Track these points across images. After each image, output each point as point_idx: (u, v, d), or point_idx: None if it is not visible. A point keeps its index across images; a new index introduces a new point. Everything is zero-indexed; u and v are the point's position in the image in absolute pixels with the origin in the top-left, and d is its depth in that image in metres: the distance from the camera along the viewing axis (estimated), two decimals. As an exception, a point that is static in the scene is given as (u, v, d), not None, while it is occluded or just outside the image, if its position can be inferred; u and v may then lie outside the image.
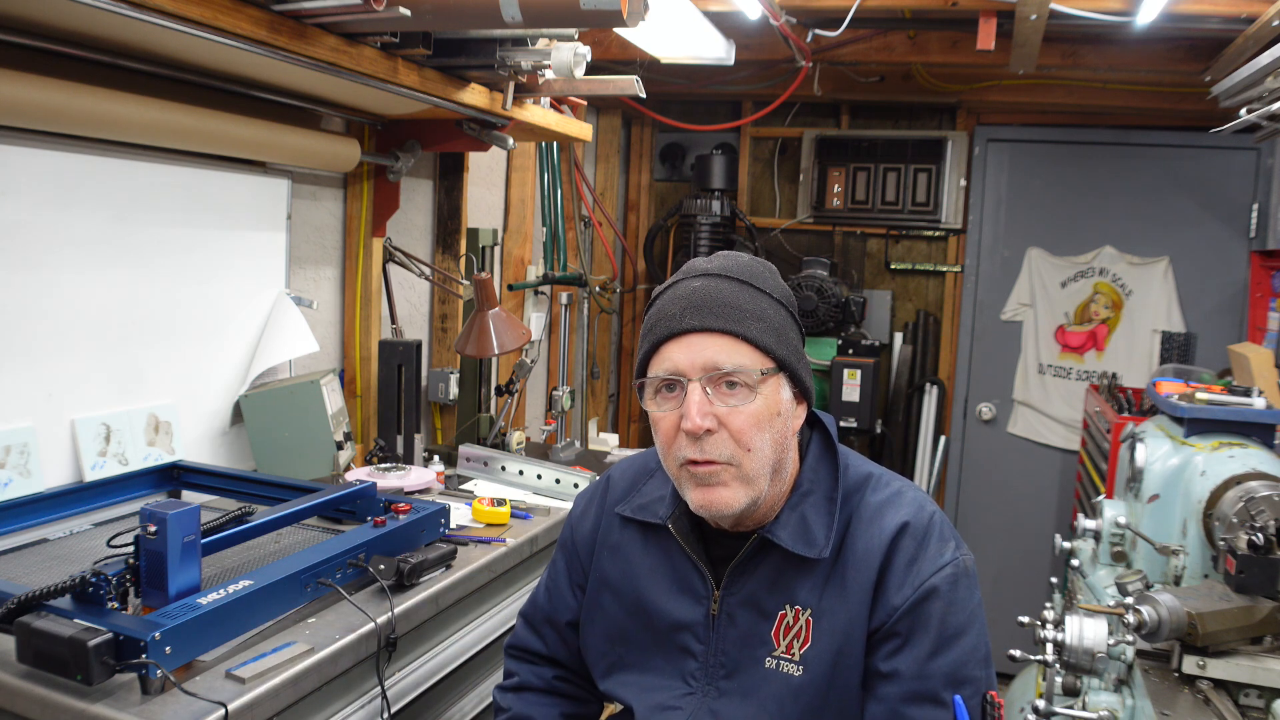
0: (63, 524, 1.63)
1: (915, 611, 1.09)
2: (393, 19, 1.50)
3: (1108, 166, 3.82)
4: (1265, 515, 1.75)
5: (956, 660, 1.08)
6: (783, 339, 1.13)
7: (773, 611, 1.16)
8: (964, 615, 1.10)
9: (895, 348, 4.07)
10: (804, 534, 1.14)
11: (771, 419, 1.11)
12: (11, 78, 1.42)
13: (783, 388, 1.13)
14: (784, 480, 1.17)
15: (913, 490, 1.20)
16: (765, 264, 1.21)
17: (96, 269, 1.75)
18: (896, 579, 1.11)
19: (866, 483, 1.19)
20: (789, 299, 1.18)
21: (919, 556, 1.12)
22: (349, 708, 1.36)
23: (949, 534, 1.15)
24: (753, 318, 1.11)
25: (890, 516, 1.14)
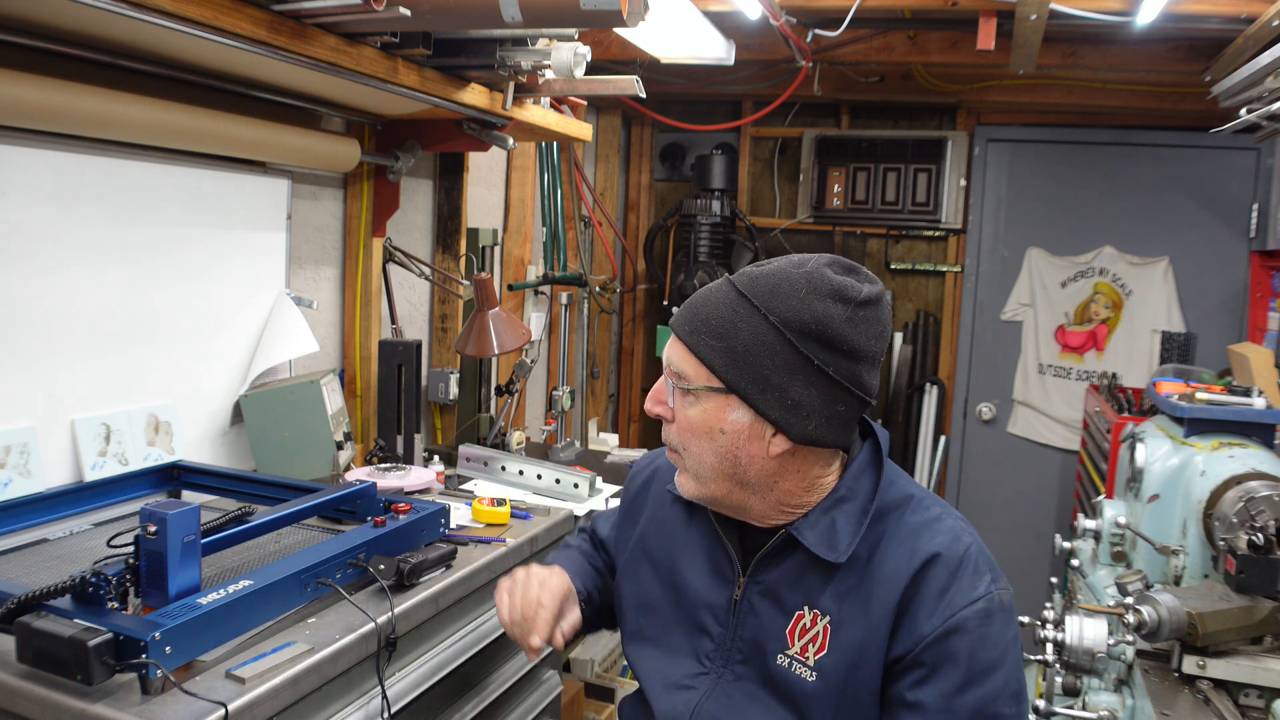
0: (63, 524, 1.63)
1: (943, 643, 1.07)
2: (393, 19, 1.50)
3: (1108, 166, 3.82)
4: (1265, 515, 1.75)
5: (985, 696, 1.06)
6: (744, 364, 1.07)
7: (790, 609, 1.15)
8: (996, 651, 1.07)
9: (895, 348, 4.08)
10: (829, 537, 1.13)
11: (711, 433, 1.11)
12: (11, 78, 1.42)
13: (732, 410, 1.10)
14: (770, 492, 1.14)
15: (953, 519, 1.16)
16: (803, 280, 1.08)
17: (96, 269, 1.75)
18: (926, 607, 1.08)
19: (907, 503, 1.15)
20: (798, 324, 1.06)
21: (951, 587, 1.08)
22: (349, 708, 1.36)
23: (985, 567, 1.12)
24: (711, 335, 1.09)
25: (924, 542, 1.11)
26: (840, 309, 1.06)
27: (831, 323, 1.06)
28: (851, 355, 1.07)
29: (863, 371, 1.09)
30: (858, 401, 1.11)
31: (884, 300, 1.12)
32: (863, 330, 1.07)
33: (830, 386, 1.08)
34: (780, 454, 1.11)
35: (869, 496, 1.14)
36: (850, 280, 1.09)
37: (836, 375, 1.07)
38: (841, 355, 1.07)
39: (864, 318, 1.08)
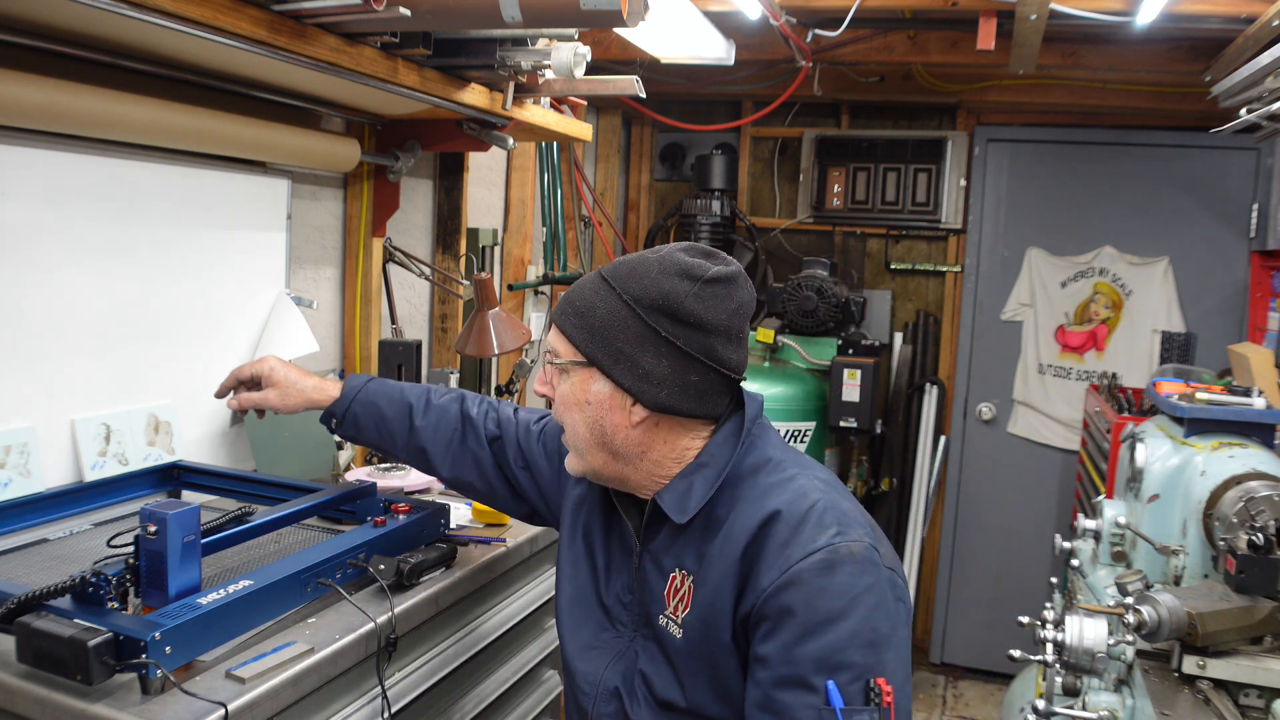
0: (63, 524, 1.63)
1: (780, 595, 1.09)
2: (393, 19, 1.50)
3: (1108, 166, 3.82)
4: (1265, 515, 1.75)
5: (828, 646, 1.07)
6: (600, 338, 1.17)
7: (667, 572, 1.22)
8: (840, 601, 1.08)
9: (895, 348, 4.08)
10: (682, 500, 1.20)
11: (580, 405, 1.20)
12: (11, 78, 1.42)
13: (594, 381, 1.19)
14: (641, 462, 1.21)
15: (807, 478, 1.19)
16: (655, 262, 1.18)
17: (96, 269, 1.75)
18: (766, 562, 1.12)
19: (764, 465, 1.21)
20: (647, 300, 1.15)
21: (791, 541, 1.11)
22: (349, 708, 1.36)
23: (831, 520, 1.13)
24: (575, 314, 1.20)
25: (769, 500, 1.15)
26: (687, 285, 1.15)
27: (678, 298, 1.14)
28: (700, 328, 1.15)
29: (716, 345, 1.16)
30: (714, 374, 1.17)
31: (737, 280, 1.18)
32: (711, 305, 1.15)
33: (681, 358, 1.16)
34: (641, 422, 1.18)
35: (725, 461, 1.20)
36: (700, 261, 1.17)
37: (686, 347, 1.15)
38: (690, 328, 1.15)
39: (712, 294, 1.15)
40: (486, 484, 1.54)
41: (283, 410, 1.60)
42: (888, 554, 1.16)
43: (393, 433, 1.56)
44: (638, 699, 1.22)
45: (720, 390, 1.20)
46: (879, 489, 3.96)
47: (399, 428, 1.56)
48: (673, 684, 1.19)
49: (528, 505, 1.54)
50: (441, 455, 1.55)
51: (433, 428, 1.54)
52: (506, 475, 1.53)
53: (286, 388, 1.60)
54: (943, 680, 4.11)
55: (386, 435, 1.57)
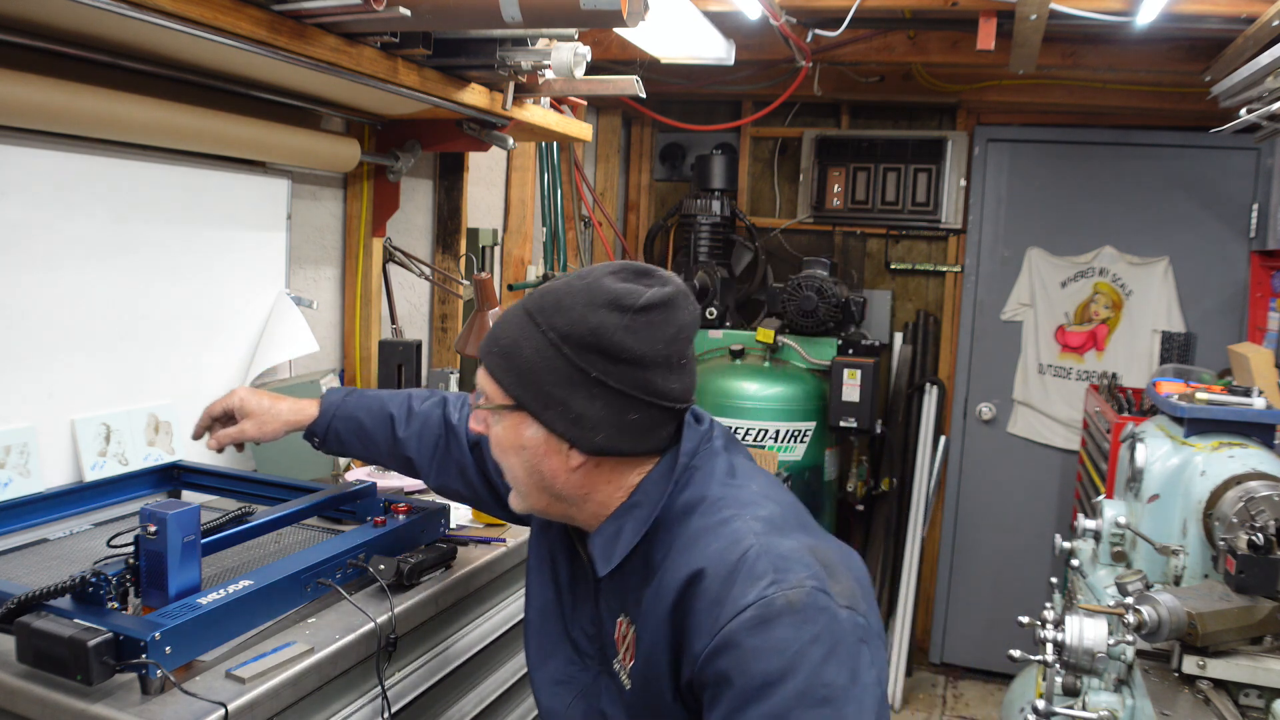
0: (63, 524, 1.63)
1: (714, 662, 0.99)
2: (393, 19, 1.50)
3: (1108, 166, 3.82)
4: (1265, 515, 1.75)
5: (772, 712, 0.95)
6: (527, 381, 1.07)
7: (615, 615, 1.16)
8: (779, 660, 0.96)
9: (895, 348, 4.08)
10: (609, 547, 1.12)
11: (516, 449, 1.12)
12: (11, 78, 1.42)
13: (526, 426, 1.10)
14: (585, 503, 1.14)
15: (743, 520, 1.06)
16: (582, 292, 1.07)
17: (96, 269, 1.75)
18: (697, 626, 1.01)
19: (698, 505, 1.09)
20: (575, 338, 1.05)
21: (721, 599, 1.00)
22: (349, 708, 1.36)
23: (765, 567, 1.00)
24: (501, 354, 1.10)
25: (695, 554, 1.04)
26: (616, 318, 1.05)
27: (608, 333, 1.04)
28: (635, 363, 1.05)
29: (654, 378, 1.06)
30: (655, 409, 1.08)
31: (674, 303, 1.08)
32: (645, 336, 1.05)
33: (616, 397, 1.06)
34: (581, 466, 1.10)
35: (656, 502, 1.11)
36: (630, 287, 1.06)
37: (621, 386, 1.05)
38: (624, 364, 1.05)
39: (646, 323, 1.05)
40: (471, 490, 1.51)
41: (262, 439, 1.56)
42: (844, 591, 1.03)
43: (377, 444, 1.54)
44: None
45: (664, 423, 1.10)
46: (879, 489, 3.96)
47: (382, 439, 1.53)
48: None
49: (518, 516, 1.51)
50: (427, 464, 1.51)
51: (416, 437, 1.51)
52: (490, 480, 1.48)
53: (261, 416, 1.56)
54: (943, 680, 4.11)
55: (371, 447, 1.55)
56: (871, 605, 1.07)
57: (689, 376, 1.11)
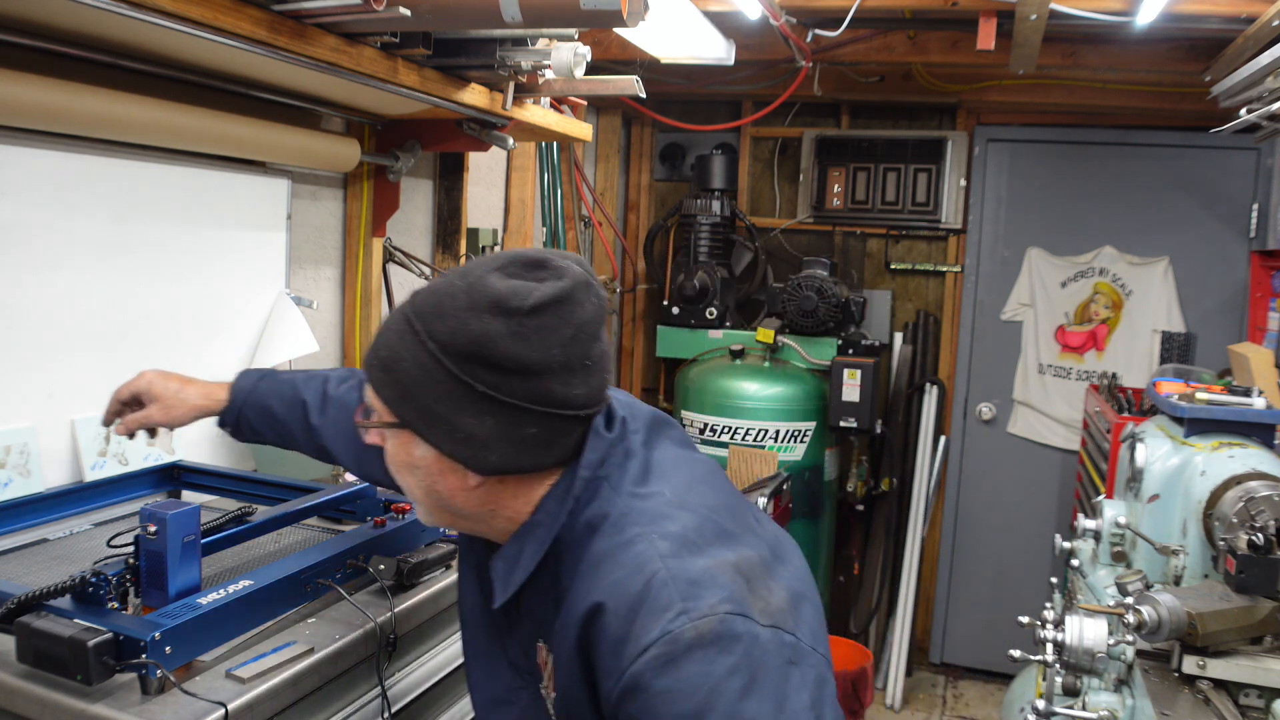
0: (63, 524, 1.63)
1: (624, 706, 0.90)
2: (393, 19, 1.50)
3: (1108, 166, 3.82)
4: (1265, 515, 1.75)
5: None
6: (409, 398, 0.96)
7: (534, 639, 1.07)
8: (690, 701, 0.87)
9: (895, 348, 4.08)
10: (510, 571, 1.02)
11: (409, 468, 1.02)
12: (11, 78, 1.42)
13: (415, 445, 0.99)
14: (493, 520, 1.04)
15: (647, 540, 0.95)
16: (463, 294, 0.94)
17: (96, 269, 1.75)
18: (604, 664, 0.92)
19: (601, 525, 0.98)
20: (456, 349, 0.93)
21: (625, 636, 0.90)
22: (349, 708, 1.36)
23: (671, 597, 0.90)
24: (380, 368, 0.99)
25: (598, 581, 0.94)
26: (501, 324, 0.92)
27: (492, 341, 0.92)
28: (527, 373, 0.93)
29: (552, 386, 0.94)
30: (555, 419, 0.96)
31: (570, 299, 0.95)
32: (536, 343, 0.92)
33: (508, 412, 0.94)
34: (480, 485, 1.00)
35: (556, 520, 1.00)
36: (517, 285, 0.94)
37: (512, 399, 0.93)
38: (514, 375, 0.93)
39: (537, 327, 0.93)
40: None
41: (170, 424, 1.46)
42: (769, 608, 0.93)
43: (291, 434, 1.44)
44: None
45: (569, 431, 0.99)
46: (879, 489, 3.96)
47: (296, 428, 1.43)
48: None
49: None
50: (345, 454, 1.41)
51: (332, 424, 1.40)
52: None
53: (168, 400, 1.45)
54: (943, 680, 4.11)
55: (286, 437, 1.45)
56: (806, 614, 0.99)
57: (596, 378, 0.99)
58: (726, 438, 3.50)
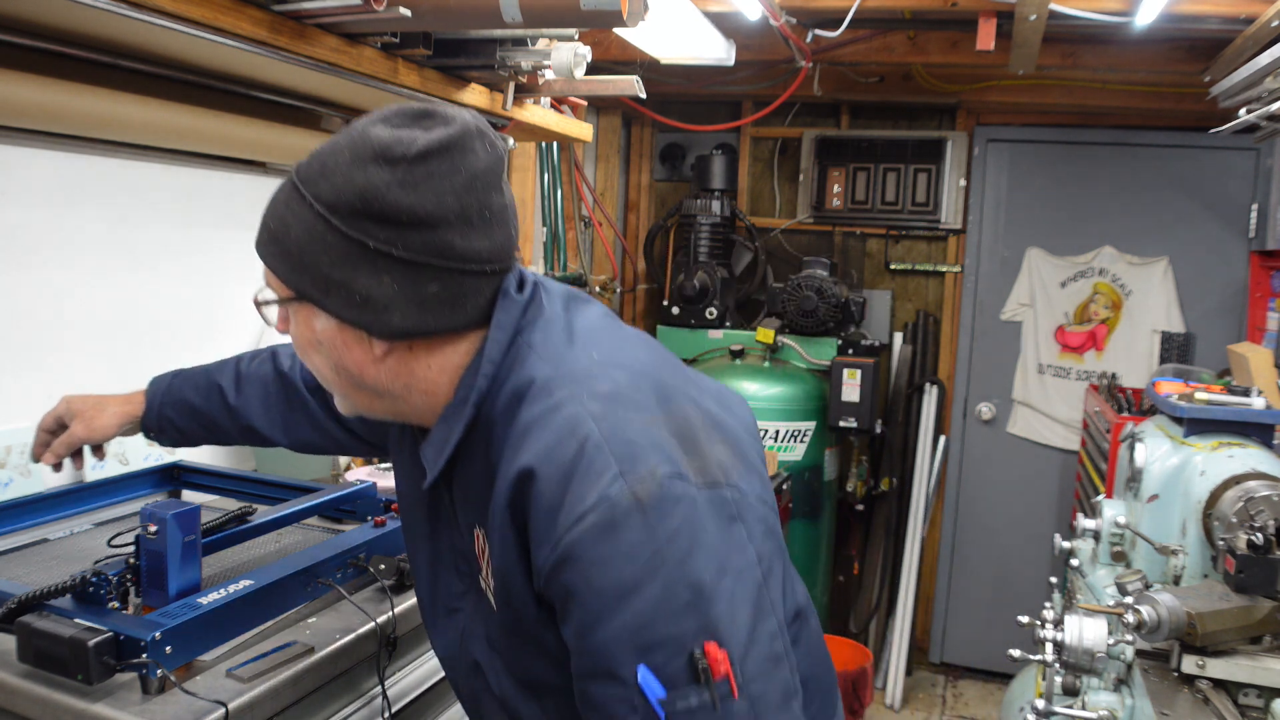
0: (63, 524, 1.63)
1: (558, 576, 0.86)
2: (393, 19, 1.50)
3: (1108, 166, 3.83)
4: (1265, 515, 1.75)
5: (628, 626, 0.83)
6: (302, 266, 0.91)
7: (471, 527, 1.02)
8: (632, 567, 0.83)
9: (895, 348, 4.08)
10: (439, 449, 0.97)
11: (313, 345, 0.98)
12: (11, 78, 1.42)
13: (315, 318, 0.95)
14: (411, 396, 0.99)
15: (577, 403, 0.89)
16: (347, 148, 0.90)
17: (97, 269, 1.75)
18: (537, 535, 0.87)
19: (526, 393, 0.92)
20: (343, 205, 0.88)
21: (559, 503, 0.86)
22: (349, 708, 1.36)
23: (607, 460, 0.85)
24: (271, 239, 0.94)
25: (526, 447, 0.89)
26: (387, 174, 0.87)
27: (378, 193, 0.87)
28: (419, 224, 0.88)
29: (451, 238, 0.89)
30: (458, 275, 0.91)
31: (458, 144, 0.90)
32: (427, 191, 0.87)
33: (405, 268, 0.89)
34: (388, 354, 0.95)
35: (478, 390, 0.94)
36: (402, 133, 0.89)
37: (408, 254, 0.88)
38: (405, 228, 0.88)
39: (426, 174, 0.88)
40: (327, 436, 1.38)
41: (96, 437, 1.43)
42: (707, 465, 0.89)
43: (215, 423, 1.41)
44: (495, 670, 1.03)
45: (478, 290, 0.94)
46: (879, 489, 3.96)
47: (218, 415, 1.41)
48: (513, 656, 1.01)
49: (379, 446, 1.36)
50: (270, 426, 1.40)
51: (251, 400, 1.39)
52: (342, 422, 1.35)
53: (88, 412, 1.43)
54: (943, 680, 4.12)
55: (210, 427, 1.42)
56: (751, 463, 0.96)
57: (500, 232, 0.94)
58: (726, 438, 3.50)
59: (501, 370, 0.95)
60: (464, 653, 1.07)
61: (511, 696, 1.03)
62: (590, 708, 0.88)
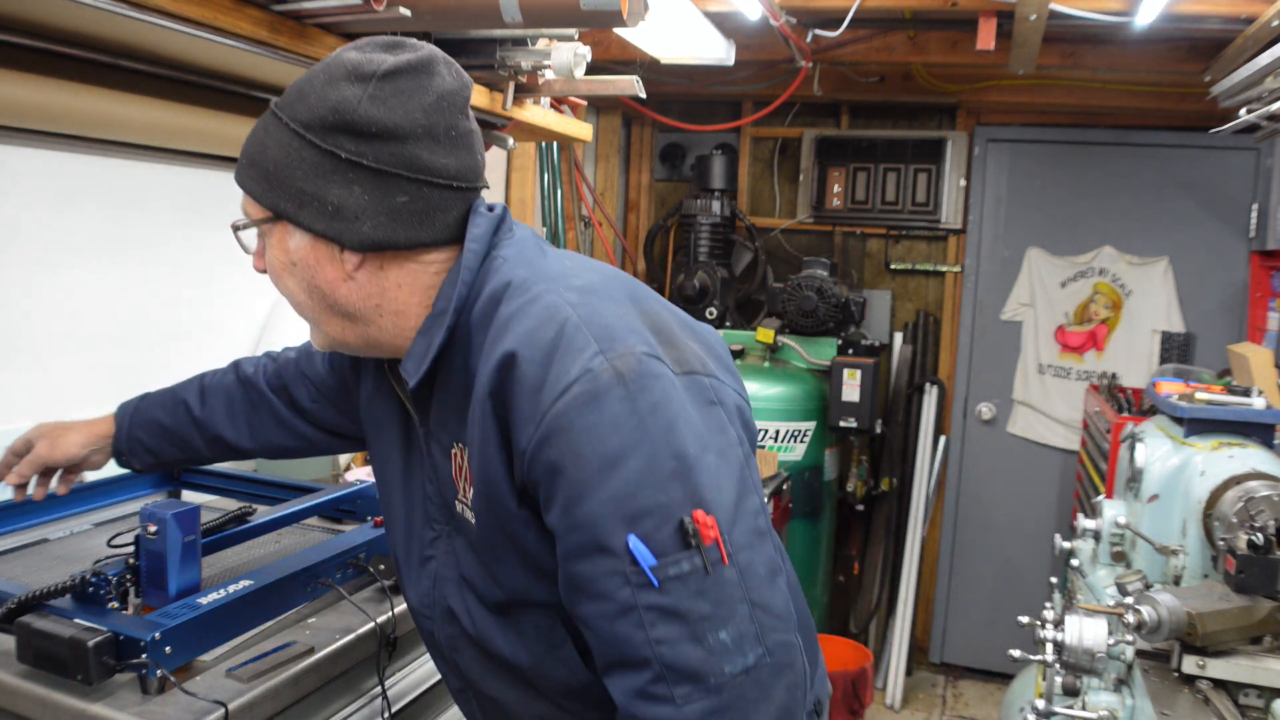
0: (63, 524, 1.63)
1: (543, 452, 0.88)
2: (393, 19, 1.50)
3: (1108, 166, 3.82)
4: (1265, 515, 1.75)
5: (616, 495, 0.85)
6: (278, 183, 0.96)
7: (448, 449, 1.04)
8: (616, 436, 0.86)
9: (895, 348, 4.08)
10: (420, 360, 0.99)
11: (288, 268, 1.01)
12: (11, 78, 1.42)
13: (290, 236, 0.98)
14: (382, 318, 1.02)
15: (555, 293, 0.94)
16: (320, 72, 0.96)
17: (96, 269, 1.75)
18: (520, 415, 0.90)
19: (503, 295, 0.97)
20: (317, 121, 0.94)
21: (541, 382, 0.88)
22: (349, 708, 1.36)
23: (586, 339, 0.89)
24: (249, 164, 0.99)
25: (507, 335, 0.93)
26: (357, 89, 0.93)
27: (349, 107, 0.93)
28: (388, 136, 0.93)
29: (419, 151, 0.94)
30: (427, 187, 0.96)
31: (427, 67, 0.96)
32: (395, 105, 0.93)
33: (375, 178, 0.94)
34: (359, 268, 0.99)
35: (457, 299, 0.98)
36: (372, 55, 0.95)
37: (378, 164, 0.93)
38: (376, 139, 0.93)
39: (394, 90, 0.94)
40: (297, 436, 1.40)
41: (58, 455, 1.41)
42: (683, 357, 0.94)
43: (185, 439, 1.41)
44: (469, 609, 1.05)
45: (446, 206, 0.98)
46: (879, 489, 3.96)
47: (185, 430, 1.40)
48: (489, 579, 1.02)
49: (350, 437, 1.39)
50: (238, 433, 1.39)
51: (215, 410, 1.39)
52: (309, 418, 1.38)
53: (53, 433, 1.42)
54: (943, 680, 4.11)
55: (179, 444, 1.41)
56: (727, 367, 1.01)
57: (467, 153, 0.99)
58: (726, 438, 3.50)
59: (479, 280, 0.99)
60: (438, 599, 1.09)
61: (487, 632, 1.04)
62: (579, 591, 0.90)
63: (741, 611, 0.87)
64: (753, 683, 0.87)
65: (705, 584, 0.86)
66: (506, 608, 1.03)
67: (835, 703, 3.00)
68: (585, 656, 1.01)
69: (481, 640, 1.06)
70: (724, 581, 0.86)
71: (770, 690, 0.88)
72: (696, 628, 0.85)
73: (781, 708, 0.89)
